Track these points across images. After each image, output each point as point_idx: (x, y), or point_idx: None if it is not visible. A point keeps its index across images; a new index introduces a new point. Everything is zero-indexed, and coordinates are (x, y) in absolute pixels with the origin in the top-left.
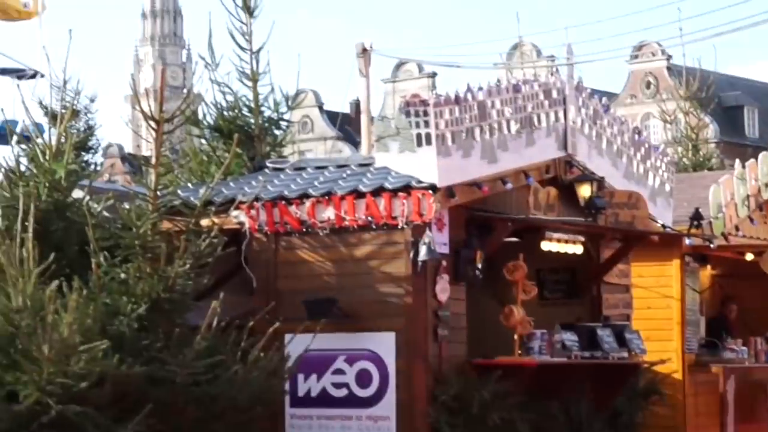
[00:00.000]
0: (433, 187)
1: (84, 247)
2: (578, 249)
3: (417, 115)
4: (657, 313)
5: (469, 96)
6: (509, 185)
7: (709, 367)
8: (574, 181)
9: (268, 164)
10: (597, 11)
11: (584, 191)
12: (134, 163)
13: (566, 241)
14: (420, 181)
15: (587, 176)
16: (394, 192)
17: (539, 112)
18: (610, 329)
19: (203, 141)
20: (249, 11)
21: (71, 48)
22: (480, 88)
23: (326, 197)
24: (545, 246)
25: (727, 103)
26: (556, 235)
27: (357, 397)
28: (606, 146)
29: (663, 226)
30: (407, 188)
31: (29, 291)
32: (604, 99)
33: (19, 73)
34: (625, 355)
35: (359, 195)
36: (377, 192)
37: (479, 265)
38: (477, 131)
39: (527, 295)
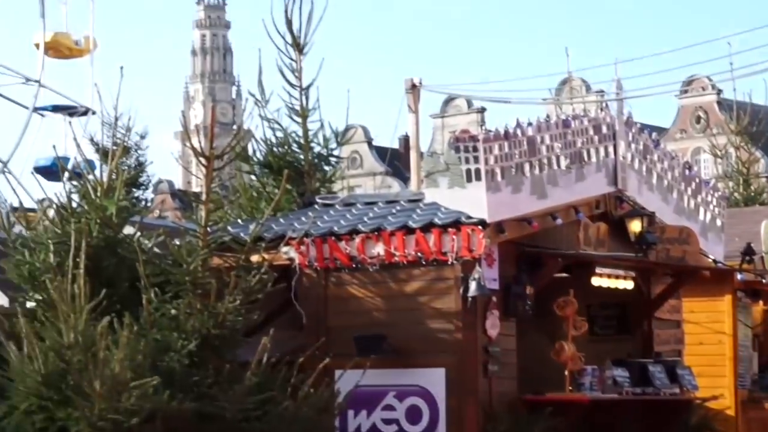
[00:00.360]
0: (483, 223)
1: (135, 283)
2: (629, 284)
3: (466, 150)
4: (709, 348)
5: (519, 131)
6: (559, 221)
7: (762, 403)
8: (625, 216)
9: (317, 200)
10: (646, 46)
11: (635, 226)
12: (184, 200)
13: (617, 277)
14: (470, 217)
15: (638, 211)
16: (444, 228)
17: (589, 148)
18: (661, 365)
19: (253, 177)
20: (299, 48)
21: (122, 85)
22: (529, 124)
23: (376, 233)
24: (596, 281)
25: None
26: (606, 271)
27: None
28: (656, 181)
29: (714, 261)
30: (457, 224)
31: (81, 327)
32: (654, 134)
33: (70, 111)
34: (677, 391)
35: (409, 231)
36: (427, 228)
37: (529, 301)
38: (527, 167)
39: (578, 330)
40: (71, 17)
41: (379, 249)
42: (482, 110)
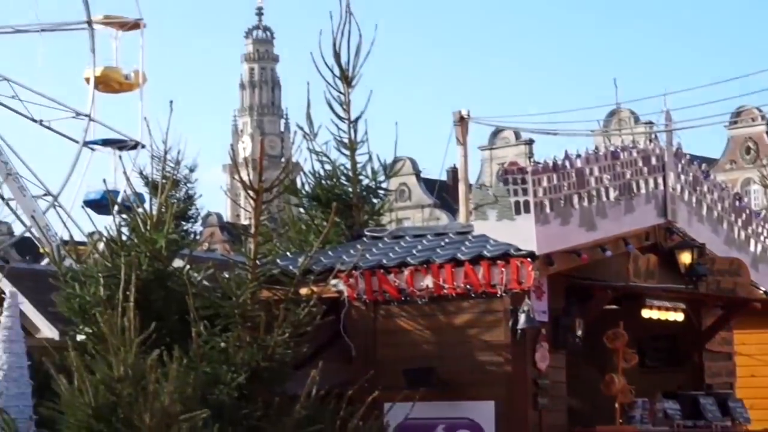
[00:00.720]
0: (532, 255)
1: (184, 316)
2: (679, 316)
3: (515, 182)
4: (761, 381)
5: (567, 163)
6: (608, 253)
7: None
8: (675, 248)
9: (366, 233)
10: (695, 77)
11: (685, 258)
12: (233, 232)
13: (667, 309)
14: (519, 249)
15: (688, 243)
16: (493, 260)
17: (638, 179)
18: (713, 398)
19: (302, 210)
20: (347, 81)
21: (172, 119)
22: (578, 156)
23: (425, 266)
24: (646, 313)
25: None
26: (656, 303)
27: None
28: (706, 212)
29: (765, 293)
30: (506, 256)
31: (130, 360)
32: (703, 165)
33: (120, 144)
34: (729, 424)
35: (458, 263)
36: (476, 260)
37: (579, 333)
38: (575, 198)
39: (628, 363)
40: (121, 51)
41: (427, 281)
42: (530, 142)
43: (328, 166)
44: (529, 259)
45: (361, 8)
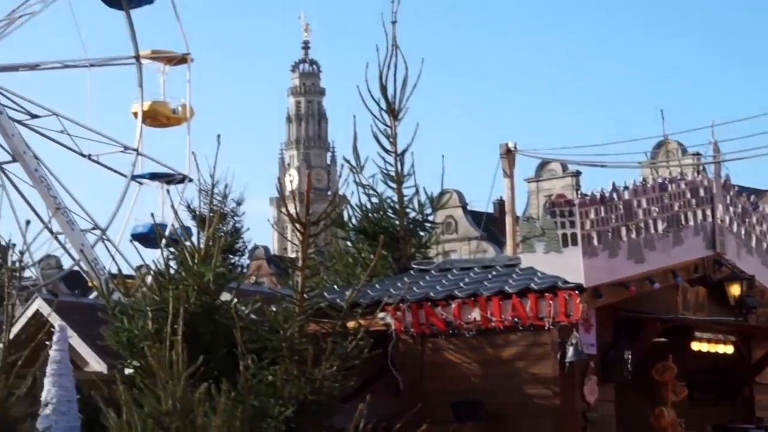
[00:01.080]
0: (580, 288)
1: (232, 350)
2: (729, 349)
3: (562, 215)
4: None
5: (615, 195)
6: (657, 285)
7: None
8: (724, 280)
9: (413, 265)
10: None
11: (734, 290)
12: (280, 265)
13: (717, 341)
14: (566, 282)
15: (737, 275)
16: (541, 293)
17: (686, 211)
18: (763, 431)
19: (349, 243)
20: (393, 114)
21: (219, 152)
22: (626, 188)
23: (472, 298)
24: (695, 346)
25: None
26: (706, 335)
27: None
28: (756, 244)
29: None
30: (553, 289)
31: (179, 393)
32: (752, 196)
33: (168, 178)
34: None
35: (505, 296)
36: (523, 293)
37: (628, 366)
38: (623, 231)
39: (677, 396)
40: (169, 86)
41: (475, 314)
42: (577, 174)
43: (375, 199)
44: (576, 292)
45: (408, 41)
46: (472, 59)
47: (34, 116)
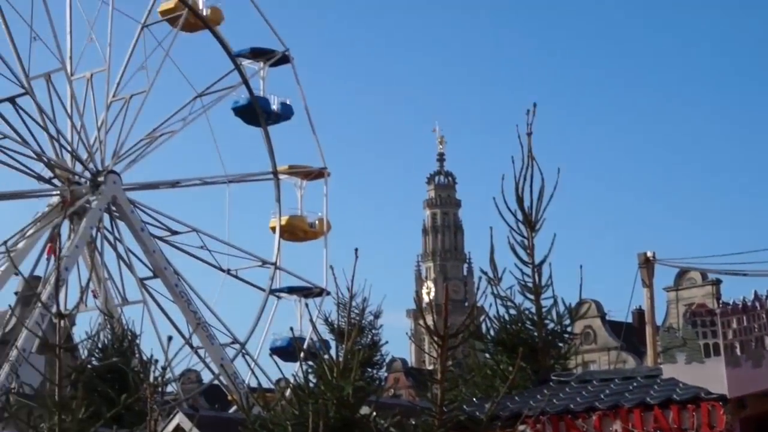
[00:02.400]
0: (723, 399)
1: None
2: None
3: (704, 325)
4: None
5: (758, 304)
6: None
7: None
8: None
9: (552, 377)
10: None
11: None
12: (419, 378)
13: None
14: (709, 393)
15: None
16: (683, 404)
17: None
18: None
19: (487, 355)
20: (530, 225)
21: (356, 266)
22: None
23: (613, 410)
24: None
25: None
26: None
27: None
28: None
29: None
30: (696, 400)
31: None
32: None
33: (306, 292)
34: None
35: (647, 407)
36: (665, 404)
37: None
38: (767, 340)
39: None
40: (305, 200)
41: (616, 426)
42: (718, 282)
43: (512, 311)
44: (720, 403)
45: (543, 152)
46: (609, 168)
47: (174, 232)
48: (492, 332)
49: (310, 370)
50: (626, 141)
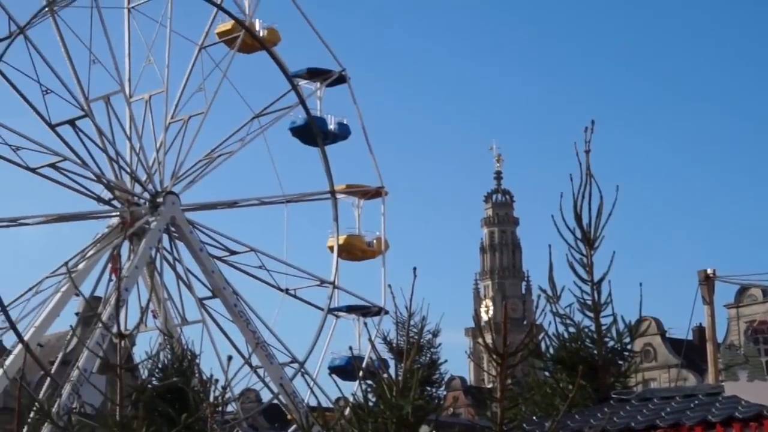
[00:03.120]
0: None
1: None
2: None
3: (765, 342)
4: None
5: None
6: None
7: None
8: None
9: (613, 395)
10: None
11: None
12: (478, 396)
13: None
14: None
15: None
16: (746, 422)
17: None
18: None
19: (546, 373)
20: (589, 243)
21: (415, 284)
22: None
23: (675, 428)
24: None
25: None
26: None
27: None
28: None
29: None
30: (759, 417)
31: None
32: None
33: (364, 311)
34: None
35: (709, 425)
36: (727, 422)
37: None
38: None
39: None
40: (363, 219)
41: None
42: None
43: (572, 329)
44: None
45: (602, 169)
46: (667, 185)
47: (232, 252)
48: (551, 350)
49: (369, 389)
50: (686, 158)
